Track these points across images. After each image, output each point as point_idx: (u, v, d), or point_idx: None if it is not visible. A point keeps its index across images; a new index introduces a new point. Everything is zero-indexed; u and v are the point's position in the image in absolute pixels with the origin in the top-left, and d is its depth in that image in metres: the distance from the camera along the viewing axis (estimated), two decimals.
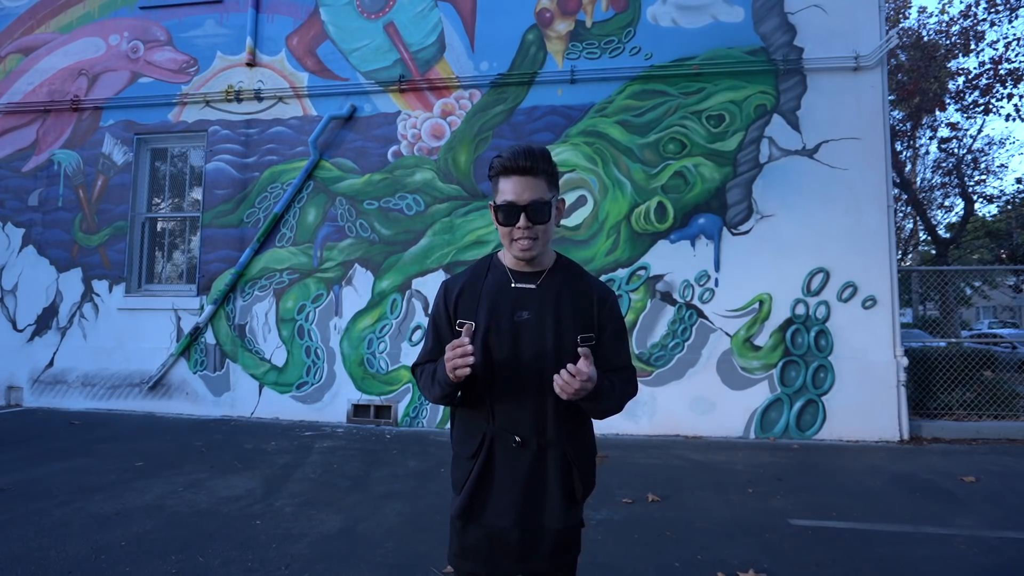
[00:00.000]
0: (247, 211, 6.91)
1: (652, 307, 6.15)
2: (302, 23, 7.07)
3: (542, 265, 1.47)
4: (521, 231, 1.37)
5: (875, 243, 5.94)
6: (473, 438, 1.45)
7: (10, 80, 7.70)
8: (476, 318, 1.42)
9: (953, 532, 3.33)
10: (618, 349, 1.48)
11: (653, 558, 2.95)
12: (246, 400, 6.68)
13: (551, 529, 1.40)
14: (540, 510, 1.40)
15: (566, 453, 1.42)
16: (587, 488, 1.46)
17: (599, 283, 1.52)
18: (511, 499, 1.39)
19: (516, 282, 1.45)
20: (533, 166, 1.36)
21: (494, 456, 1.42)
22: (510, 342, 1.39)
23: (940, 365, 6.40)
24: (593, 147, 6.37)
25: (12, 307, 7.33)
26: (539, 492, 1.40)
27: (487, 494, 1.42)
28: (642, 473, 4.53)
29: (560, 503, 1.40)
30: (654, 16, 6.44)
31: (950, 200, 15.42)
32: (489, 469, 1.42)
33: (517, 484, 1.39)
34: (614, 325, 1.47)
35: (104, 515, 3.44)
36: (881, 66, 6.09)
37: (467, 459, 1.45)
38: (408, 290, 6.52)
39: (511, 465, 1.40)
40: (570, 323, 1.40)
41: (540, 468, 1.40)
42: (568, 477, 1.42)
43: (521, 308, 1.41)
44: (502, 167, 1.38)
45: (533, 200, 1.35)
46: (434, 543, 3.06)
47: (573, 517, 1.43)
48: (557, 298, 1.42)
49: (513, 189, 1.36)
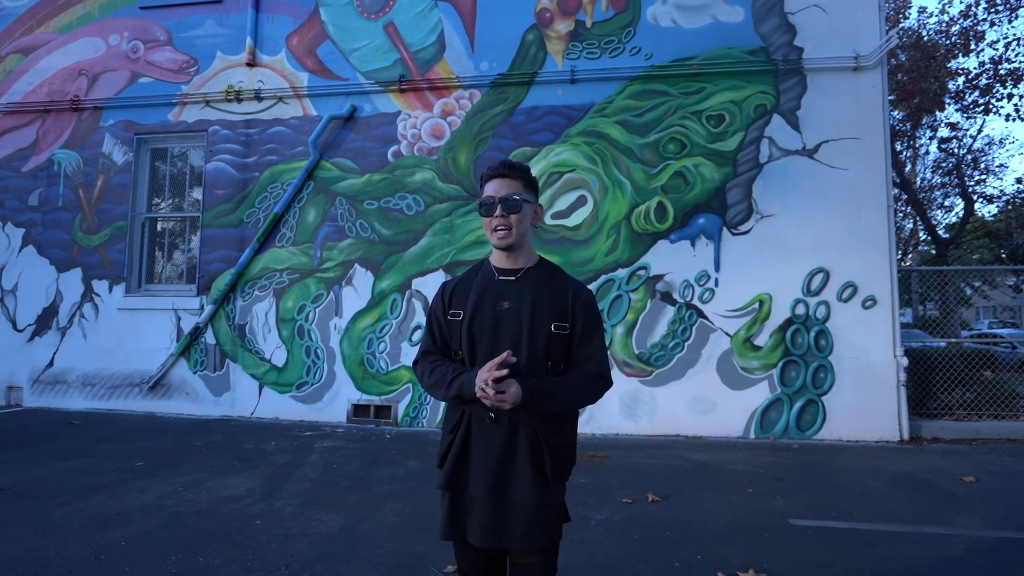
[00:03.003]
0: (247, 211, 6.91)
1: (652, 307, 6.15)
2: (302, 23, 7.07)
3: (524, 263, 1.67)
4: (498, 220, 1.61)
5: (875, 243, 5.94)
6: (454, 414, 1.63)
7: (10, 80, 7.70)
8: (464, 308, 1.63)
9: (953, 532, 3.33)
10: (586, 342, 1.62)
11: (653, 558, 2.95)
12: (246, 400, 6.68)
13: (520, 503, 1.51)
14: (511, 483, 1.52)
15: (536, 431, 1.54)
16: (557, 467, 1.56)
17: (577, 282, 1.70)
18: (485, 470, 1.53)
19: (500, 276, 1.66)
20: (510, 172, 1.64)
21: (471, 430, 1.58)
22: (491, 328, 1.59)
23: (940, 365, 6.39)
24: (593, 147, 6.37)
25: (12, 307, 7.33)
26: (510, 465, 1.54)
27: (466, 466, 1.57)
28: (642, 473, 4.53)
29: (530, 478, 1.52)
30: (654, 16, 6.44)
31: (950, 200, 15.43)
32: (467, 442, 1.58)
33: (491, 457, 1.54)
34: (586, 319, 1.62)
35: (104, 515, 3.44)
36: (881, 66, 6.09)
37: (448, 432, 1.62)
38: (408, 290, 6.52)
39: (486, 439, 1.55)
40: (545, 312, 1.59)
41: (512, 443, 1.55)
42: (538, 454, 1.54)
43: (503, 299, 1.61)
44: (487, 175, 1.67)
45: (507, 194, 1.61)
46: (434, 543, 3.06)
47: (545, 496, 1.53)
48: (535, 290, 1.62)
49: (493, 187, 1.64)
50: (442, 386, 1.59)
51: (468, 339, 1.60)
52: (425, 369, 1.67)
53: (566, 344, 1.60)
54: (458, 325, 1.62)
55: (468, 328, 1.60)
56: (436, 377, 1.62)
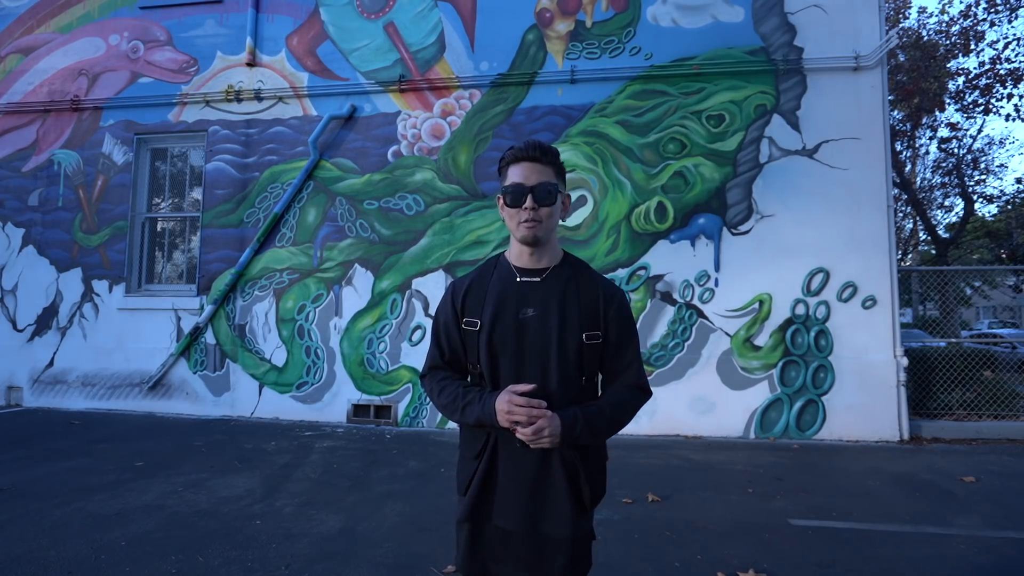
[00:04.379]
0: (247, 211, 6.91)
1: (652, 307, 6.15)
2: (302, 23, 7.07)
3: (548, 261, 1.44)
4: (527, 212, 1.37)
5: (875, 243, 5.94)
6: (478, 438, 1.42)
7: (10, 80, 7.70)
8: (482, 315, 1.41)
9: (953, 532, 3.33)
10: (622, 352, 1.43)
11: (653, 558, 2.95)
12: (246, 400, 6.68)
13: (559, 538, 1.35)
14: (547, 515, 1.36)
15: (572, 455, 1.37)
16: (595, 493, 1.41)
17: (607, 281, 1.49)
18: (517, 502, 1.36)
19: (521, 277, 1.43)
20: (542, 156, 1.40)
21: (498, 456, 1.39)
22: (514, 339, 1.38)
23: (940, 365, 6.39)
24: (593, 147, 6.36)
25: (12, 307, 7.33)
26: (545, 495, 1.36)
27: (492, 496, 1.38)
28: (642, 473, 4.53)
29: (568, 508, 1.35)
30: (654, 16, 6.44)
31: (950, 200, 15.42)
32: (493, 470, 1.39)
33: (523, 486, 1.36)
34: (620, 325, 1.43)
35: (104, 515, 3.44)
36: (881, 66, 6.09)
37: (472, 459, 1.42)
38: (408, 290, 6.52)
39: (516, 466, 1.37)
40: (575, 320, 1.38)
41: (546, 470, 1.36)
42: (575, 480, 1.37)
43: (526, 305, 1.40)
44: (513, 156, 1.41)
45: (540, 182, 1.38)
46: (434, 543, 3.06)
47: (582, 526, 1.38)
48: (562, 294, 1.40)
49: (522, 173, 1.39)
50: (455, 410, 1.40)
51: (488, 353, 1.39)
52: (434, 388, 1.48)
53: (599, 354, 1.41)
54: (475, 336, 1.40)
55: (488, 340, 1.38)
56: (447, 399, 1.42)
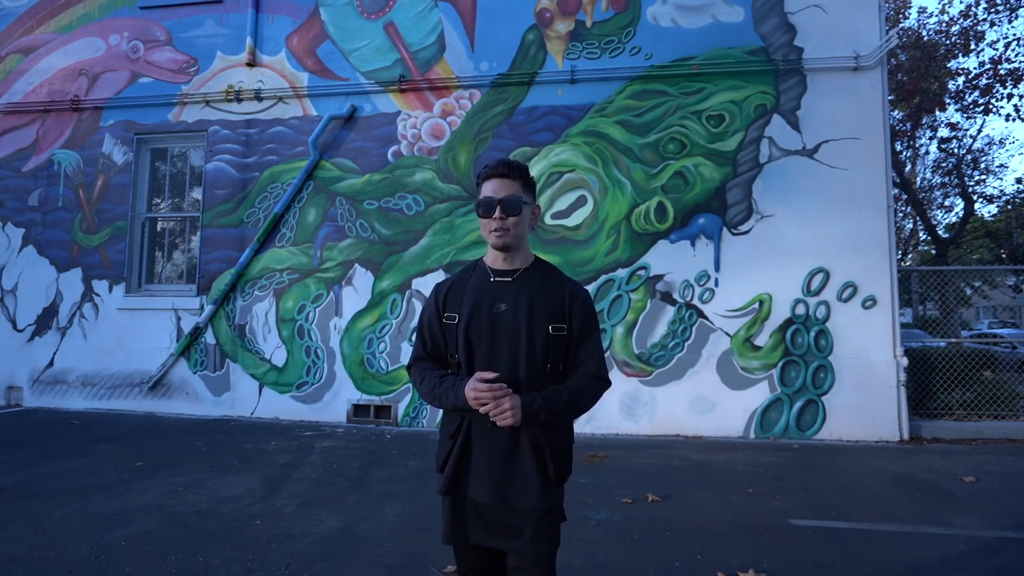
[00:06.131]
0: (247, 211, 6.91)
1: (652, 307, 6.15)
2: (302, 23, 7.07)
3: (520, 264, 1.64)
4: (496, 222, 1.57)
5: (875, 243, 5.94)
6: (454, 420, 1.60)
7: (10, 80, 7.70)
8: (460, 310, 1.61)
9: (953, 532, 3.33)
10: (584, 344, 1.60)
11: (653, 558, 2.95)
12: (246, 400, 6.68)
13: (526, 508, 1.52)
14: (516, 488, 1.52)
15: (538, 435, 1.54)
16: (560, 470, 1.56)
17: (573, 282, 1.67)
18: (488, 475, 1.53)
19: (495, 277, 1.63)
20: (510, 172, 1.60)
21: (472, 436, 1.57)
22: (488, 332, 1.57)
23: (940, 365, 6.39)
24: (593, 147, 6.36)
25: (12, 307, 7.33)
26: (514, 471, 1.53)
27: (467, 471, 1.56)
28: (642, 473, 4.53)
29: (536, 482, 1.52)
30: (654, 16, 6.44)
31: (950, 200, 15.42)
32: (467, 448, 1.57)
33: (494, 462, 1.54)
34: (582, 321, 1.60)
35: (104, 515, 3.44)
36: (881, 66, 6.09)
37: (448, 439, 1.60)
38: (408, 290, 6.52)
39: (488, 445, 1.55)
40: (543, 314, 1.57)
41: (514, 448, 1.54)
42: (541, 457, 1.54)
43: (499, 300, 1.59)
44: (486, 174, 1.62)
45: (507, 196, 1.58)
46: (434, 543, 3.06)
47: (548, 500, 1.53)
48: (532, 292, 1.60)
49: (492, 188, 1.60)
50: (435, 397, 1.58)
51: (465, 343, 1.58)
52: (416, 378, 1.66)
53: (564, 345, 1.58)
54: (454, 328, 1.60)
55: (465, 332, 1.58)
56: (427, 387, 1.61)
